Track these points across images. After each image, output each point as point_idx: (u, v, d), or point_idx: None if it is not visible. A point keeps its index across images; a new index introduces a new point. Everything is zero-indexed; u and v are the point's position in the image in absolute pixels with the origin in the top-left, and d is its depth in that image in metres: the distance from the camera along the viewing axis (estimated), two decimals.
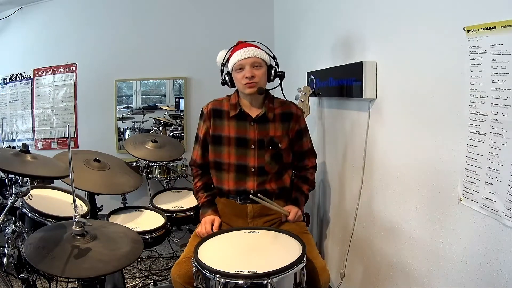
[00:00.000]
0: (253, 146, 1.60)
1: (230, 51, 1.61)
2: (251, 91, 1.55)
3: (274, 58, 1.66)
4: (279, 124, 1.63)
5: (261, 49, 1.59)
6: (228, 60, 1.60)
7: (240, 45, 1.59)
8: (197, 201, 1.73)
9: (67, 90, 3.60)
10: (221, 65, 1.65)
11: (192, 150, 1.75)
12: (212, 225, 1.56)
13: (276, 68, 1.64)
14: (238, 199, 1.64)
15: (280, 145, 1.61)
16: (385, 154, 1.63)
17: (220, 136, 1.62)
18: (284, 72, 1.66)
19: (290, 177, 1.74)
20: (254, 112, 1.62)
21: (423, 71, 1.34)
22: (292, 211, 1.61)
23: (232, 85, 1.63)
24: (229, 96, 1.68)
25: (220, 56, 1.65)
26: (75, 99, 3.59)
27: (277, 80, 1.68)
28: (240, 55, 1.53)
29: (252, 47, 1.56)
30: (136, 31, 3.46)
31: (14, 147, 3.51)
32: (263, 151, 1.60)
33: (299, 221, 1.65)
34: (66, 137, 3.59)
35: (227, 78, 1.63)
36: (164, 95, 3.57)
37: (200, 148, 1.70)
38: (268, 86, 1.67)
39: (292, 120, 1.65)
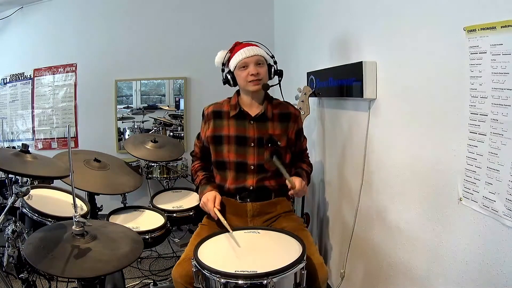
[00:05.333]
0: (252, 144, 1.62)
1: (230, 51, 1.64)
2: (256, 88, 1.59)
3: (272, 57, 1.69)
4: (277, 123, 1.65)
5: (261, 48, 1.63)
6: (229, 59, 1.64)
7: (241, 44, 1.63)
8: (194, 180, 1.75)
9: (67, 90, 3.60)
10: (222, 65, 1.68)
11: (194, 145, 1.82)
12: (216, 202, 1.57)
13: (275, 66, 1.68)
14: (237, 198, 1.65)
15: (279, 143, 1.64)
16: (385, 154, 1.64)
17: (220, 136, 1.65)
18: (282, 70, 1.70)
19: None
20: (253, 111, 1.65)
21: (423, 71, 1.34)
22: (297, 182, 1.55)
23: (234, 83, 1.66)
24: (229, 98, 1.71)
25: (220, 56, 1.68)
26: (75, 99, 3.59)
27: (276, 79, 1.72)
28: (244, 53, 1.57)
29: (254, 46, 1.61)
30: (136, 31, 3.46)
31: (14, 147, 3.51)
32: (262, 149, 1.62)
33: (304, 193, 1.63)
34: (66, 137, 3.59)
35: (229, 77, 1.65)
36: (164, 95, 3.57)
37: (199, 145, 1.78)
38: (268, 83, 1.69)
39: (291, 120, 1.68)
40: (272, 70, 1.66)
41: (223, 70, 1.69)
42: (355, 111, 1.87)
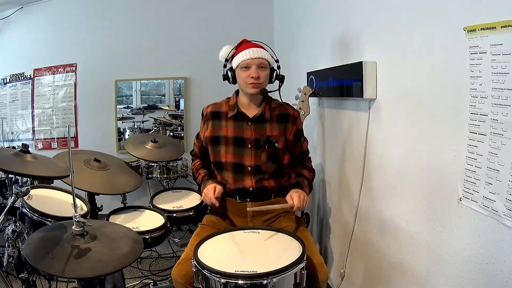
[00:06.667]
0: (249, 145, 1.62)
1: (235, 47, 1.62)
2: (254, 91, 1.57)
3: (277, 61, 1.67)
4: (276, 124, 1.64)
5: (267, 51, 1.61)
6: (233, 56, 1.61)
7: (247, 43, 1.61)
8: (196, 179, 1.76)
9: (67, 90, 3.60)
10: (225, 60, 1.66)
11: (193, 144, 1.84)
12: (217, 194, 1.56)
13: (278, 71, 1.66)
14: (237, 198, 1.65)
15: (276, 145, 1.63)
16: (385, 154, 1.64)
17: (218, 137, 1.65)
18: (284, 76, 1.69)
19: (289, 179, 1.74)
20: (251, 112, 1.64)
21: (423, 71, 1.34)
22: (295, 199, 1.50)
23: (234, 81, 1.65)
24: (228, 98, 1.71)
25: (225, 51, 1.65)
26: (75, 99, 3.59)
27: (277, 83, 1.70)
28: (248, 54, 1.55)
29: (260, 48, 1.58)
30: (136, 31, 3.46)
31: (14, 147, 3.51)
32: (259, 150, 1.62)
33: (306, 207, 1.55)
34: (66, 137, 3.59)
35: (229, 74, 1.64)
36: (164, 95, 3.57)
37: (198, 145, 1.79)
38: (268, 88, 1.67)
39: (289, 122, 1.67)
40: (274, 74, 1.64)
41: (225, 66, 1.67)
42: (355, 111, 1.87)
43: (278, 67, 1.67)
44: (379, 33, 1.62)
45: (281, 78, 1.67)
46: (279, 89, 1.74)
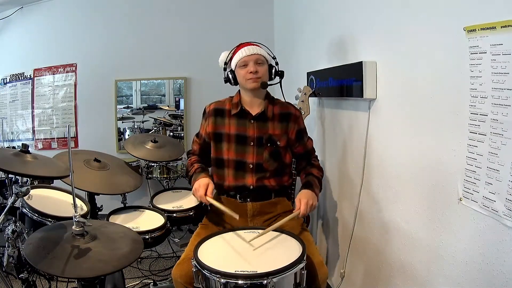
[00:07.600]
0: (252, 143, 1.63)
1: (232, 51, 1.66)
2: (254, 86, 1.59)
3: (274, 58, 1.70)
4: (278, 123, 1.66)
5: (262, 48, 1.65)
6: (231, 59, 1.66)
7: (242, 44, 1.65)
8: (189, 173, 1.73)
9: (67, 90, 3.60)
10: (224, 64, 1.70)
11: (192, 142, 1.84)
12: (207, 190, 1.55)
13: (276, 67, 1.68)
14: (238, 197, 1.65)
15: (278, 143, 1.64)
16: (385, 154, 1.64)
17: (221, 134, 1.66)
18: (283, 71, 1.71)
19: (290, 178, 1.75)
20: (254, 110, 1.66)
21: (423, 71, 1.34)
22: (302, 205, 1.50)
23: (235, 82, 1.67)
24: (231, 97, 1.73)
25: (223, 56, 1.71)
26: (75, 99, 3.59)
27: (277, 79, 1.73)
28: (244, 52, 1.59)
29: (255, 46, 1.63)
30: (136, 31, 3.46)
31: (14, 147, 3.51)
32: (262, 149, 1.63)
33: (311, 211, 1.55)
34: (66, 137, 3.59)
35: (230, 75, 1.67)
36: (164, 95, 3.57)
37: (199, 142, 1.78)
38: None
39: (291, 121, 1.68)
40: (273, 70, 1.67)
41: (225, 69, 1.71)
42: (355, 111, 1.87)
43: (276, 63, 1.70)
44: (379, 33, 1.62)
45: (280, 74, 1.71)
46: (280, 83, 1.76)
